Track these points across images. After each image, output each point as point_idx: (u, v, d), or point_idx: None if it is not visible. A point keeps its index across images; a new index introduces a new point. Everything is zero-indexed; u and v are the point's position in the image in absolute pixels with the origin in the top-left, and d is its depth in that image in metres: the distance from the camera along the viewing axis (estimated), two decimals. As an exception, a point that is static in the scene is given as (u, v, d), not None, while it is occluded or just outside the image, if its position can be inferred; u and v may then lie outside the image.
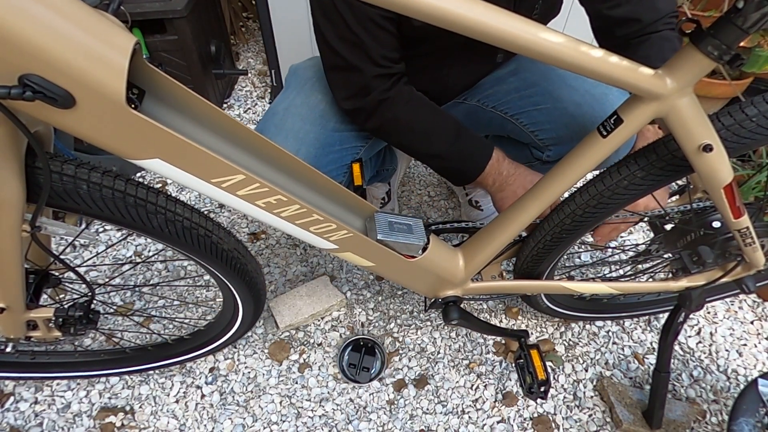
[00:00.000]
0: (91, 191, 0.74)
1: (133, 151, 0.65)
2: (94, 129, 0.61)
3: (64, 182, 0.72)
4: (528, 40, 0.63)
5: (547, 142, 1.21)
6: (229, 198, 0.74)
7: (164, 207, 0.82)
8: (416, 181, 1.96)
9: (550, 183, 0.88)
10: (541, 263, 1.10)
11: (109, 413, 1.25)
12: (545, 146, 1.22)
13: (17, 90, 0.52)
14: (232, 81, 2.38)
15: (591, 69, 0.66)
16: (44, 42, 0.52)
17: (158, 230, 0.83)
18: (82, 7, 0.56)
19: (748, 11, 0.60)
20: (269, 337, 1.43)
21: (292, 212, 0.78)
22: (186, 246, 0.89)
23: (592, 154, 0.81)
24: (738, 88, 1.93)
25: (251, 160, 0.79)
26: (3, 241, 0.74)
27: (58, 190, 0.72)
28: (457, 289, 1.10)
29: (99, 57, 0.55)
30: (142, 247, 1.63)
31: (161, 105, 0.69)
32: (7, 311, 0.87)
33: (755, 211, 1.00)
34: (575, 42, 0.65)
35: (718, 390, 1.37)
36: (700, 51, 0.65)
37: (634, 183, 0.87)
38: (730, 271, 1.09)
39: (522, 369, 1.24)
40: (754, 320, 1.54)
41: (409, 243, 0.92)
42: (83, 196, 0.73)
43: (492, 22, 0.61)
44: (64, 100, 0.55)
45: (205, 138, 0.74)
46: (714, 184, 0.82)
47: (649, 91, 0.70)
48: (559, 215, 0.98)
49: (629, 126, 0.75)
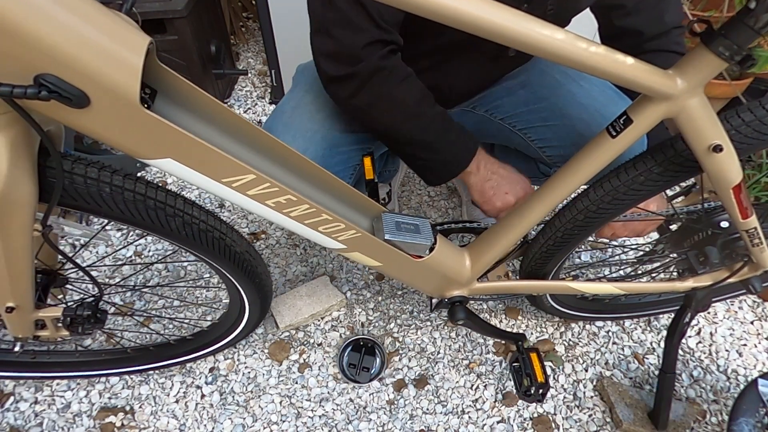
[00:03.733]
0: (101, 191, 0.74)
1: (145, 150, 0.65)
2: (107, 129, 0.61)
3: (74, 181, 0.71)
4: (538, 40, 0.63)
5: (554, 159, 1.20)
6: (239, 197, 0.74)
7: (182, 210, 0.83)
8: (416, 181, 1.96)
9: (559, 183, 0.88)
10: (548, 263, 1.10)
11: (109, 413, 1.24)
12: (553, 163, 1.21)
13: (33, 90, 0.52)
14: (232, 81, 2.37)
15: (601, 69, 0.66)
16: (60, 42, 0.52)
17: (175, 232, 0.84)
18: (97, 7, 0.56)
19: (759, 12, 0.61)
20: (269, 337, 1.43)
21: (301, 212, 0.78)
22: (201, 248, 0.89)
23: (601, 154, 0.81)
24: (738, 88, 1.94)
25: (261, 159, 0.79)
26: (15, 240, 0.74)
27: (69, 189, 0.72)
28: (463, 289, 1.10)
29: (114, 57, 0.55)
30: (142, 247, 1.62)
31: (172, 104, 0.69)
32: (17, 310, 0.86)
33: (764, 212, 1.01)
34: (586, 42, 0.65)
35: (718, 390, 1.38)
36: (712, 51, 0.66)
37: (650, 179, 0.86)
38: (737, 272, 1.08)
39: (517, 372, 1.24)
40: (754, 320, 1.55)
41: (416, 243, 0.92)
42: (94, 197, 0.73)
43: (502, 21, 0.60)
44: (78, 100, 0.55)
45: (216, 138, 0.74)
46: (723, 185, 0.82)
47: (660, 92, 0.70)
48: (572, 211, 0.97)
49: (639, 126, 0.75)
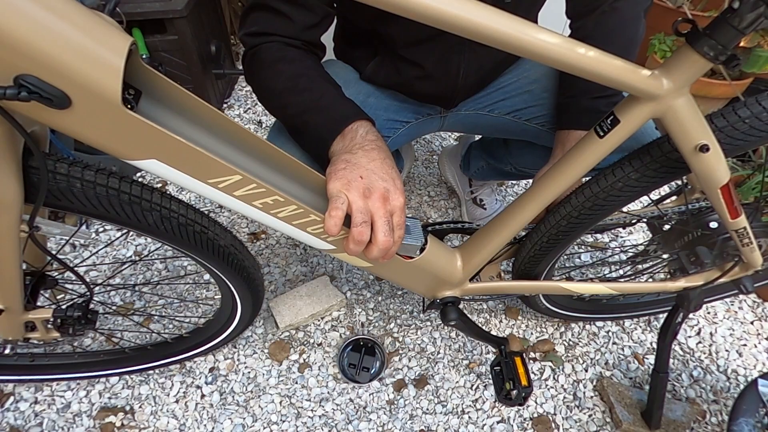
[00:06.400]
0: (85, 189, 0.74)
1: (129, 151, 0.65)
2: (90, 129, 0.61)
3: (58, 181, 0.72)
4: (522, 40, 0.62)
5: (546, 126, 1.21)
6: (226, 198, 0.74)
7: (159, 204, 0.82)
8: (416, 181, 1.96)
9: (548, 183, 0.87)
10: (538, 264, 1.10)
11: (109, 413, 1.25)
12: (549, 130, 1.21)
13: (12, 90, 0.52)
14: (232, 81, 2.38)
15: (587, 69, 0.66)
16: (39, 42, 0.52)
17: (154, 227, 0.83)
18: (77, 8, 0.56)
19: (743, 11, 0.60)
20: (269, 337, 1.43)
21: (289, 213, 0.78)
22: (182, 243, 0.89)
23: (589, 154, 0.81)
24: (738, 88, 1.93)
25: (248, 160, 0.79)
26: (1, 242, 0.74)
27: (53, 189, 0.72)
28: (455, 289, 1.10)
29: (94, 57, 0.55)
30: (142, 247, 1.63)
31: (158, 105, 0.69)
32: (6, 312, 0.87)
33: (752, 212, 1.00)
34: (571, 42, 0.64)
35: (718, 390, 1.37)
36: (697, 51, 0.65)
37: (628, 185, 0.87)
38: (728, 272, 1.08)
39: (497, 376, 1.24)
40: (754, 320, 1.54)
41: (406, 243, 0.92)
42: (78, 195, 0.74)
43: (485, 21, 0.60)
44: (59, 101, 0.55)
45: (202, 138, 0.74)
46: (711, 185, 0.82)
47: (646, 92, 0.70)
48: (555, 217, 0.98)
49: (626, 126, 0.75)
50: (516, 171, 1.47)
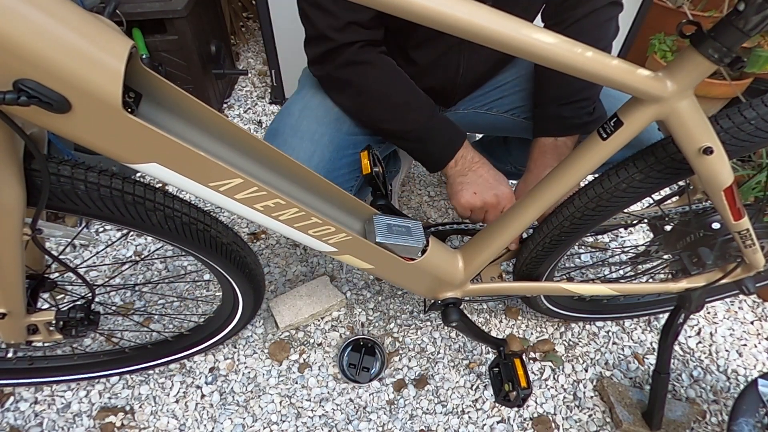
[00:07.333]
0: (89, 191, 0.73)
1: (129, 155, 0.64)
2: (90, 133, 0.60)
3: (61, 183, 0.71)
4: (522, 42, 0.62)
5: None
6: (227, 201, 0.73)
7: (162, 203, 0.82)
8: (416, 182, 1.96)
9: (551, 185, 0.87)
10: (540, 265, 1.09)
11: (109, 413, 1.25)
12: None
13: (12, 95, 0.51)
14: (232, 81, 2.38)
15: (589, 71, 0.66)
16: (39, 46, 0.51)
17: (158, 227, 0.83)
18: (77, 11, 0.55)
19: (749, 14, 0.60)
20: (269, 337, 1.43)
21: (290, 215, 0.78)
22: (185, 241, 0.89)
23: (592, 156, 0.81)
24: (738, 88, 1.93)
25: (249, 163, 0.78)
26: (4, 245, 0.74)
27: (56, 191, 0.72)
28: (456, 290, 1.09)
29: (94, 61, 0.55)
30: (142, 247, 1.63)
31: (158, 109, 0.69)
32: (9, 316, 0.86)
33: (755, 213, 1.00)
34: (572, 44, 0.64)
35: (718, 390, 1.37)
36: (701, 53, 0.65)
37: (632, 186, 0.86)
38: (730, 273, 1.08)
39: (495, 377, 1.24)
40: (754, 320, 1.54)
41: (408, 245, 0.92)
42: (81, 197, 0.73)
43: (483, 22, 0.60)
44: (59, 105, 0.54)
45: (203, 141, 0.74)
46: (714, 187, 0.82)
47: (649, 94, 0.70)
48: (558, 218, 0.98)
49: (629, 128, 0.75)
50: (516, 170, 1.48)
